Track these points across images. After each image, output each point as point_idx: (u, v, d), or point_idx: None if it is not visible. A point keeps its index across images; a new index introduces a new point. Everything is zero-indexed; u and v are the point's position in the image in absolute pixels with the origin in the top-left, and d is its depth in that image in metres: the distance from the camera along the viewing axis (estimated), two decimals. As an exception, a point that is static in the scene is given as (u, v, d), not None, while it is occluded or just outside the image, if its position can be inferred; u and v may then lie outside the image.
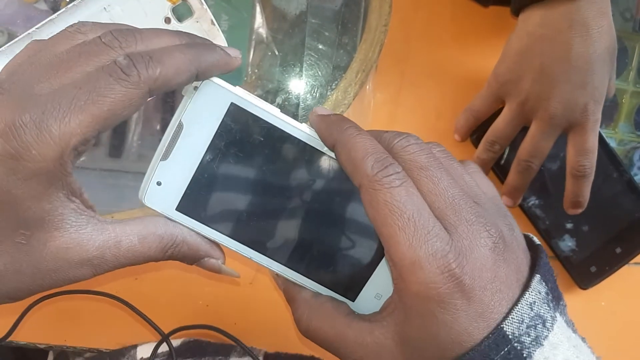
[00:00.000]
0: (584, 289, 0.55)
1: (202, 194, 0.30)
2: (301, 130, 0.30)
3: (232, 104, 0.28)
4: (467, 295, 0.27)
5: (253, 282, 0.54)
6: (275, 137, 0.29)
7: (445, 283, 0.26)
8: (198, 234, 0.30)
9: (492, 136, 0.52)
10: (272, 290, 0.54)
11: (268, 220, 0.31)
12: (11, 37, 0.50)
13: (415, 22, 0.54)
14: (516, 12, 0.51)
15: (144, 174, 0.30)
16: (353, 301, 0.32)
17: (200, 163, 0.29)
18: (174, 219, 0.30)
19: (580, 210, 0.53)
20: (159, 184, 0.29)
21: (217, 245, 0.31)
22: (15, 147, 0.24)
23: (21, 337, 0.51)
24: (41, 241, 0.26)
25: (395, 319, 0.28)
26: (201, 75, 0.29)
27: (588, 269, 0.55)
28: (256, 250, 0.31)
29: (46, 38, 0.29)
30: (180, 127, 0.28)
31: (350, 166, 0.28)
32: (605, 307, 0.56)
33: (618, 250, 0.55)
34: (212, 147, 0.29)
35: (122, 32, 0.28)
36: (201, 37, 0.31)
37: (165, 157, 0.29)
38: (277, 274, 0.32)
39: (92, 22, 0.29)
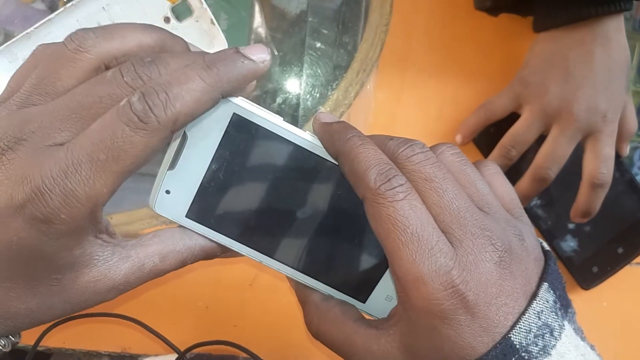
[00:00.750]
0: (586, 289, 0.55)
1: (211, 201, 0.30)
2: (304, 139, 0.30)
3: (234, 114, 0.28)
4: (471, 311, 0.26)
5: (252, 284, 0.54)
6: (279, 145, 0.29)
7: (448, 299, 0.26)
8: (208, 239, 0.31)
9: (510, 141, 0.51)
10: (271, 292, 0.54)
11: (277, 225, 0.31)
12: (8, 36, 0.50)
13: (416, 21, 0.54)
14: (539, 31, 0.52)
15: (143, 175, 0.30)
16: (364, 303, 0.32)
17: (206, 172, 0.29)
18: (185, 226, 0.30)
19: (586, 220, 0.52)
20: (167, 192, 0.30)
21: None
22: (44, 212, 0.23)
23: (23, 340, 0.51)
24: (71, 280, 0.27)
25: (401, 329, 0.28)
26: (227, 96, 0.27)
27: (590, 269, 0.54)
28: (266, 255, 0.31)
29: (44, 41, 0.28)
30: (184, 138, 0.28)
31: (353, 178, 0.28)
32: (607, 307, 0.56)
33: (620, 250, 0.55)
34: (217, 157, 0.29)
35: (146, 67, 0.25)
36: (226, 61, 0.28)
37: (172, 166, 0.29)
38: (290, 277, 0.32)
39: (93, 32, 0.27)
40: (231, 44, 0.49)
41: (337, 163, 0.30)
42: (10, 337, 0.28)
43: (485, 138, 0.54)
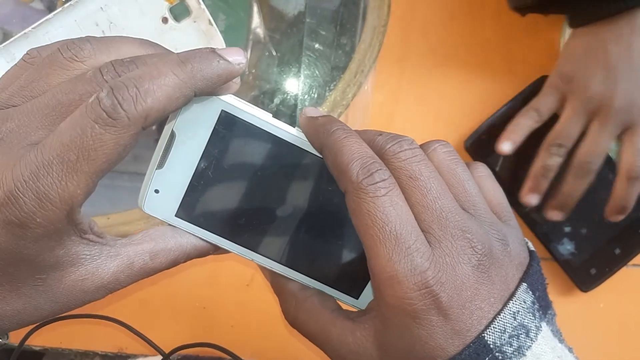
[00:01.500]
0: (585, 291, 0.54)
1: (200, 199, 0.30)
2: (293, 135, 0.29)
3: (222, 111, 0.28)
4: (443, 312, 0.26)
5: (250, 284, 0.54)
6: (268, 142, 0.29)
7: (421, 300, 0.26)
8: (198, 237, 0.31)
9: (558, 139, 0.51)
10: (269, 292, 0.53)
11: (268, 223, 0.31)
12: (6, 36, 0.50)
13: (414, 22, 0.54)
14: (577, 26, 0.52)
15: (139, 174, 0.30)
16: (357, 299, 0.32)
17: (195, 170, 0.29)
18: (174, 225, 0.30)
19: (622, 217, 0.52)
20: (156, 191, 0.29)
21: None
22: (19, 217, 0.23)
23: (14, 339, 0.51)
24: (57, 279, 0.26)
25: (376, 325, 0.28)
26: (200, 94, 0.26)
27: (588, 271, 0.54)
28: (258, 253, 0.31)
29: (42, 41, 0.27)
30: (172, 136, 0.28)
31: (336, 171, 0.28)
32: (604, 309, 0.56)
33: (617, 251, 0.55)
34: (206, 154, 0.29)
35: (125, 66, 0.25)
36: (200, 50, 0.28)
37: (160, 165, 0.29)
38: (264, 267, 0.32)
39: (90, 42, 0.27)
40: (229, 45, 0.49)
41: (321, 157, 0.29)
42: None
43: (477, 144, 0.54)
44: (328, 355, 0.30)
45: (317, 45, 0.53)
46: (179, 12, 0.49)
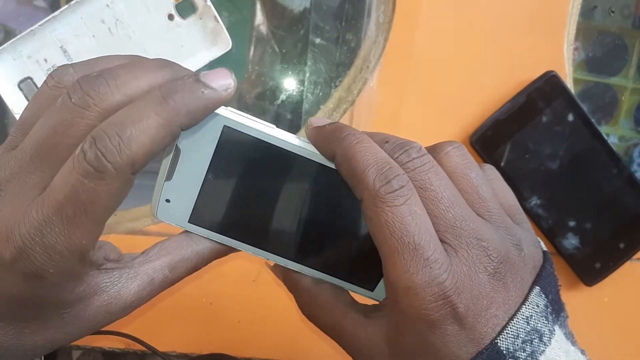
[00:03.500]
0: (590, 285, 0.55)
1: (211, 205, 0.30)
2: (298, 146, 0.29)
3: (225, 126, 0.28)
4: (459, 322, 0.26)
5: (257, 280, 0.54)
6: (272, 154, 0.29)
7: (438, 310, 0.26)
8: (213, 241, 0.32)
9: None
10: (275, 287, 0.54)
11: (279, 224, 0.31)
12: (8, 34, 0.50)
13: (419, 17, 0.54)
14: None
15: (147, 172, 0.31)
16: (372, 291, 0.32)
17: (204, 180, 0.30)
18: (189, 230, 0.31)
19: None
20: (167, 201, 0.30)
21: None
22: (32, 270, 0.24)
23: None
24: (82, 309, 0.27)
25: (389, 324, 0.28)
26: (188, 128, 0.26)
27: (593, 266, 0.55)
28: (272, 253, 0.32)
29: (49, 38, 0.27)
30: (177, 151, 0.29)
31: (352, 178, 0.27)
32: (608, 303, 0.57)
33: (621, 245, 0.55)
34: (212, 167, 0.29)
35: (92, 82, 0.24)
36: (180, 67, 0.27)
37: (169, 177, 0.29)
38: (273, 264, 0.32)
39: (73, 67, 0.26)
40: (233, 42, 0.50)
41: (327, 164, 0.29)
42: None
43: (483, 139, 0.54)
44: (342, 347, 0.31)
45: (322, 42, 0.53)
46: (185, 9, 0.49)
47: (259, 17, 0.53)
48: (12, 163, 0.25)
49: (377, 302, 0.32)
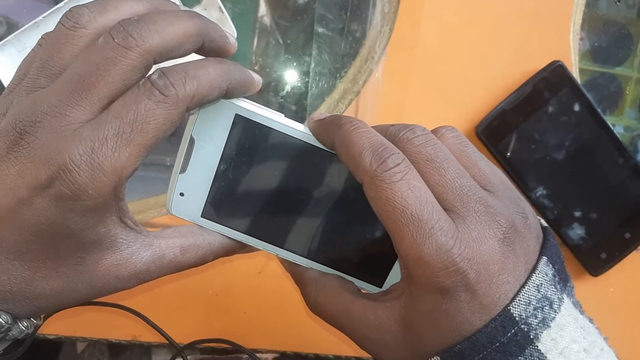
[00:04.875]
0: (595, 275, 0.55)
1: (223, 199, 0.31)
2: (305, 133, 0.30)
3: (236, 115, 0.30)
4: (471, 288, 0.27)
5: (262, 272, 0.54)
6: (282, 141, 0.30)
7: (449, 278, 0.26)
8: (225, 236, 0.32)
9: None
10: (281, 279, 0.54)
11: (291, 218, 0.32)
12: (10, 26, 0.49)
13: (424, 8, 0.54)
14: None
15: (153, 165, 0.31)
16: (380, 287, 0.33)
17: (216, 171, 0.30)
18: (201, 225, 0.32)
19: None
20: (181, 194, 0.31)
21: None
22: (71, 188, 0.24)
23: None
24: (95, 260, 0.28)
25: (401, 303, 0.29)
26: (227, 94, 0.28)
27: (598, 256, 0.55)
28: (283, 248, 0.32)
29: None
30: (192, 141, 0.30)
31: (350, 163, 0.28)
32: (614, 293, 0.57)
33: (627, 235, 0.55)
34: (225, 157, 0.30)
35: (134, 25, 0.26)
36: (206, 18, 0.30)
37: (183, 169, 0.30)
38: (282, 259, 0.33)
39: (87, 7, 0.27)
40: (237, 33, 0.49)
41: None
42: (33, 319, 0.29)
43: (489, 130, 0.54)
44: (348, 335, 0.31)
45: (327, 32, 0.53)
46: (190, -1, 0.49)
47: (263, 8, 0.53)
48: (50, 97, 0.25)
49: None
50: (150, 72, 0.26)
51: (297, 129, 0.30)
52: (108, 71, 0.25)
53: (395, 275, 0.32)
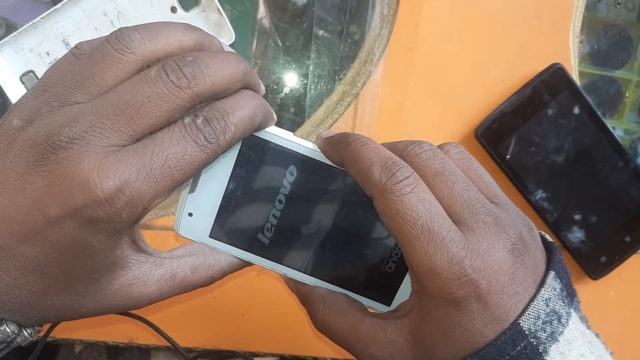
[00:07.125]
0: (595, 279, 0.55)
1: (231, 219, 0.31)
2: (314, 150, 0.31)
3: None
4: (483, 299, 0.27)
5: (260, 274, 0.54)
6: (291, 159, 0.30)
7: (461, 289, 0.26)
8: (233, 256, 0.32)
9: None
10: (279, 282, 0.54)
11: (298, 238, 0.32)
12: (9, 27, 0.49)
13: (423, 10, 0.54)
14: None
15: None
16: (389, 306, 0.33)
17: (225, 191, 0.30)
18: (209, 245, 0.32)
19: None
20: (190, 214, 0.31)
21: None
22: (108, 212, 0.24)
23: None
24: (108, 280, 0.28)
25: (411, 319, 0.29)
26: (257, 129, 0.29)
27: (598, 259, 0.55)
28: (292, 268, 0.32)
29: (51, 31, 0.28)
30: None
31: (360, 178, 0.28)
32: (614, 297, 0.57)
33: (627, 238, 0.55)
34: (234, 176, 0.30)
35: (188, 67, 0.26)
36: (249, 64, 0.30)
37: (192, 189, 0.30)
38: (287, 278, 0.33)
39: (138, 32, 0.27)
40: (235, 35, 0.49)
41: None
42: (36, 327, 0.29)
43: (488, 133, 0.54)
44: (355, 354, 0.31)
45: (325, 34, 0.53)
46: (188, 1, 0.49)
47: (262, 10, 0.53)
48: (90, 116, 0.25)
49: None
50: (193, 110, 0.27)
51: (306, 147, 0.30)
52: (157, 105, 0.25)
53: (403, 293, 0.32)
